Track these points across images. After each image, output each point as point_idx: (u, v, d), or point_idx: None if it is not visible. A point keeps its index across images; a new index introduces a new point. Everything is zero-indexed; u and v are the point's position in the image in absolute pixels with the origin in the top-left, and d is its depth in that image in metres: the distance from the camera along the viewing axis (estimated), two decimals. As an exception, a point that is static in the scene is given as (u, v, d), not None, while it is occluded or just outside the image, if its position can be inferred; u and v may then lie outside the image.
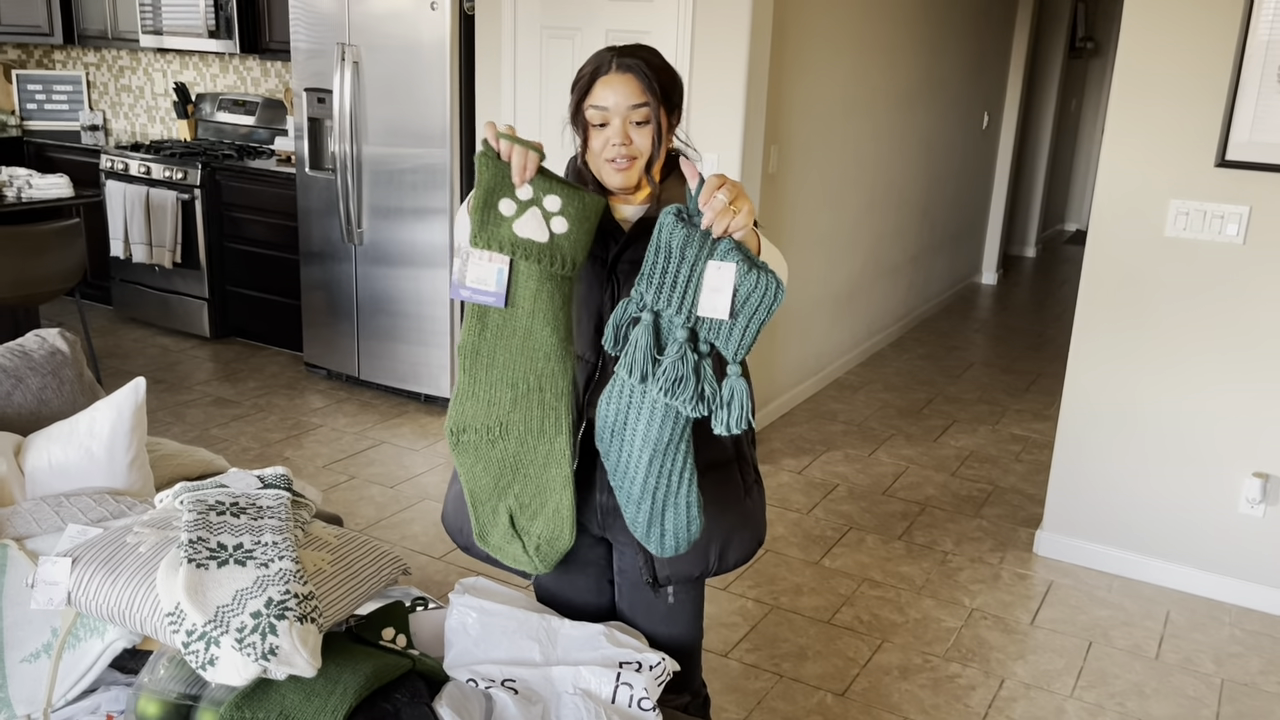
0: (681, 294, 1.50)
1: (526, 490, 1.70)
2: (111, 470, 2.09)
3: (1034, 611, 3.23)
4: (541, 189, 1.60)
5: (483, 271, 1.60)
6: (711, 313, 1.50)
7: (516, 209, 1.60)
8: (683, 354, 1.50)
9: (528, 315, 1.62)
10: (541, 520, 1.70)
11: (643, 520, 1.62)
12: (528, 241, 1.60)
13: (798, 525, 3.72)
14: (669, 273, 1.50)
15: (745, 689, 2.79)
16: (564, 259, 1.61)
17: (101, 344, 5.37)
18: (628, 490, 1.61)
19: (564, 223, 1.60)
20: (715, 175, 1.50)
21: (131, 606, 1.58)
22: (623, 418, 1.58)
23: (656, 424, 1.56)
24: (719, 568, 1.85)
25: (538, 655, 1.76)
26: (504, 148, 1.58)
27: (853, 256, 5.28)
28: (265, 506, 1.76)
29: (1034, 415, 4.95)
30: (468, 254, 1.61)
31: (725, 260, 1.49)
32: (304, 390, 4.85)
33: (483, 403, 1.67)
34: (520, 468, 1.69)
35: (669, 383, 1.50)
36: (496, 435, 1.68)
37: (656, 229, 1.50)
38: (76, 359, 2.50)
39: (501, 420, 1.67)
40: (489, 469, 1.70)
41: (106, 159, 5.48)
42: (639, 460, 1.58)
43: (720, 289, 1.49)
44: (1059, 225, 9.75)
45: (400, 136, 4.43)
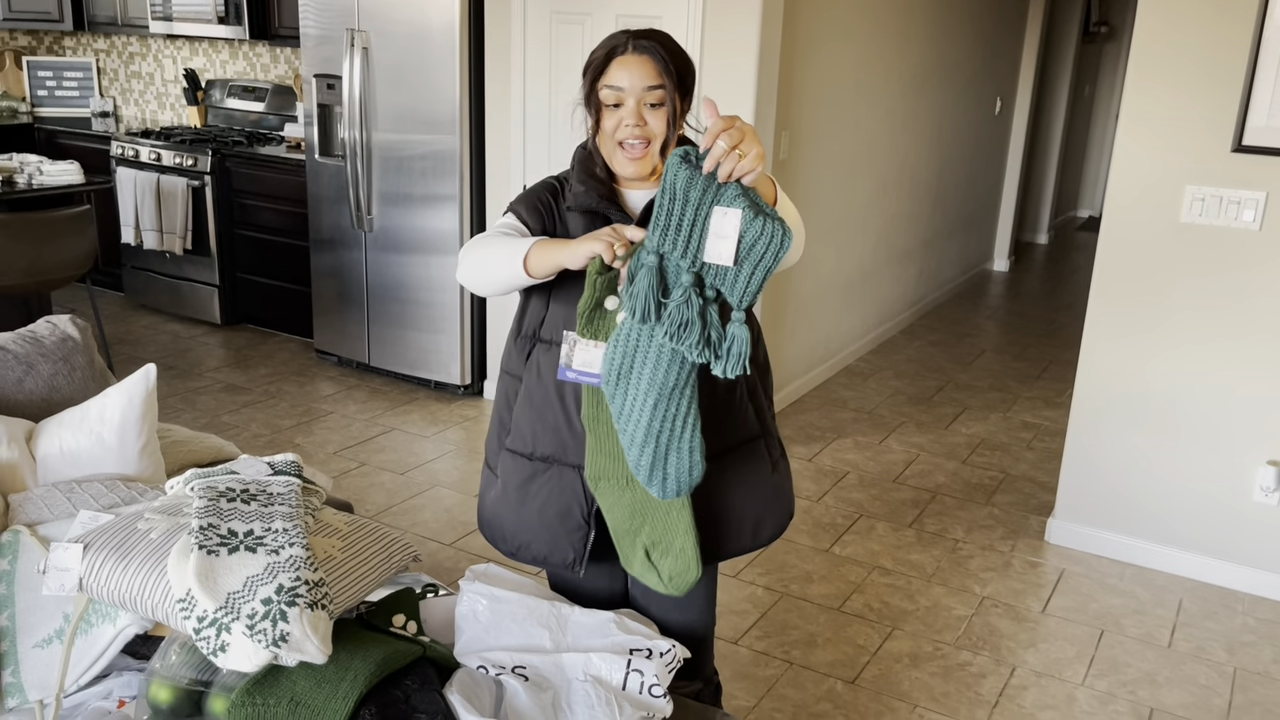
0: (686, 238, 1.49)
1: (655, 531, 1.77)
2: (123, 456, 2.10)
3: (1045, 600, 3.22)
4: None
5: (589, 356, 1.67)
6: (716, 259, 1.50)
7: (619, 304, 1.65)
8: (688, 298, 1.49)
9: None
10: (670, 558, 1.77)
11: (645, 463, 1.63)
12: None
13: (808, 513, 3.71)
14: (674, 215, 1.49)
15: (755, 676, 2.79)
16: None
17: (113, 330, 5.39)
18: (631, 433, 1.63)
19: None
20: (724, 117, 1.47)
21: (143, 592, 1.59)
22: (629, 361, 1.58)
23: (663, 368, 1.57)
24: (754, 544, 1.86)
25: (548, 642, 1.75)
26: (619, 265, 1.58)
27: (863, 242, 5.26)
28: (275, 493, 1.76)
29: (1045, 403, 4.93)
30: (574, 340, 1.68)
31: (731, 206, 1.48)
32: (314, 377, 4.86)
33: (610, 458, 1.75)
34: (648, 513, 1.76)
35: (674, 326, 1.50)
36: (625, 485, 1.75)
37: (665, 170, 1.49)
38: (87, 345, 2.50)
39: (627, 474, 1.74)
40: (624, 511, 1.78)
41: (117, 145, 5.49)
42: (644, 404, 1.59)
43: (725, 235, 1.49)
44: (1071, 212, 9.69)
45: (410, 122, 4.42)
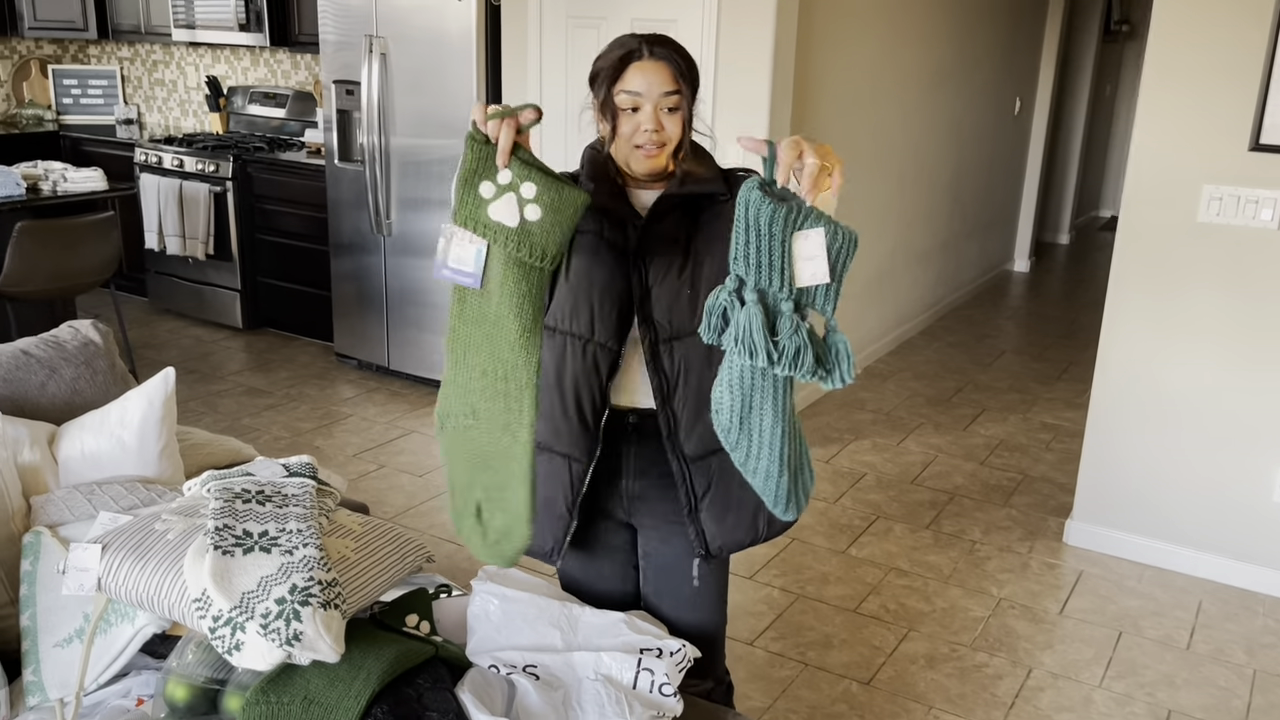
0: (780, 269, 1.49)
1: (492, 482, 1.69)
2: (142, 459, 2.13)
3: (1063, 601, 3.21)
4: (521, 174, 1.57)
5: (463, 251, 1.59)
6: (812, 280, 1.51)
7: (495, 192, 1.58)
8: (796, 326, 1.50)
9: (496, 301, 1.61)
10: (500, 515, 1.69)
11: (784, 492, 1.63)
12: (499, 225, 1.58)
13: (824, 514, 3.71)
14: (764, 250, 1.49)
15: (770, 677, 2.79)
16: (533, 247, 1.58)
17: (137, 335, 5.45)
18: (766, 470, 1.61)
19: (537, 210, 1.57)
20: (789, 141, 1.47)
21: (160, 592, 1.61)
22: (748, 403, 1.57)
23: (782, 397, 1.57)
24: (767, 534, 1.87)
25: (559, 641, 1.77)
26: (492, 128, 1.55)
27: (881, 243, 5.25)
28: (290, 495, 1.78)
29: (1065, 404, 4.90)
30: (451, 233, 1.60)
31: (813, 227, 1.50)
32: (335, 380, 4.90)
33: (460, 389, 1.67)
34: (488, 459, 1.68)
35: (791, 357, 1.50)
36: (470, 423, 1.67)
37: (741, 206, 1.47)
38: (109, 350, 2.54)
39: (474, 407, 1.66)
40: (465, 458, 1.70)
41: (140, 152, 5.56)
42: (774, 437, 1.58)
43: (815, 256, 1.50)
44: (1093, 211, 9.63)
45: (428, 127, 4.45)
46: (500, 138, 1.54)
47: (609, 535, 1.90)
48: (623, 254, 1.72)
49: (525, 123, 1.58)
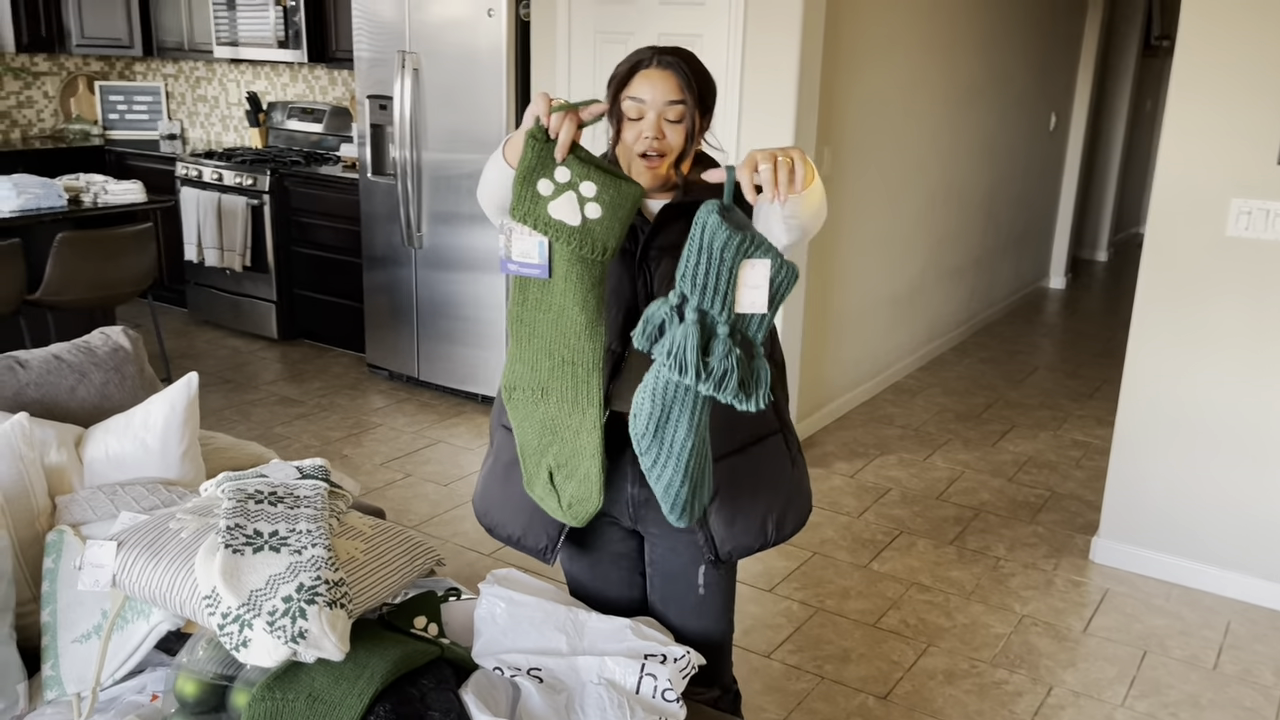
0: (724, 293, 1.53)
1: (563, 452, 1.76)
2: (165, 461, 2.17)
3: (1087, 619, 3.17)
4: (580, 173, 1.60)
5: (526, 245, 1.63)
6: (751, 308, 1.54)
7: (554, 190, 1.61)
8: (729, 350, 1.53)
9: (561, 293, 1.66)
10: (574, 482, 1.76)
11: (682, 501, 1.66)
12: (560, 223, 1.61)
13: (847, 529, 3.70)
14: (711, 273, 1.52)
15: (786, 690, 2.78)
16: (594, 244, 1.62)
17: (175, 345, 5.56)
18: (669, 479, 1.64)
19: (598, 209, 1.61)
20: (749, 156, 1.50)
21: (172, 589, 1.65)
22: (666, 413, 1.60)
23: (699, 415, 1.60)
24: (776, 538, 1.88)
25: (564, 645, 1.78)
26: (554, 122, 1.57)
27: (912, 259, 5.23)
28: (302, 496, 1.81)
29: (1097, 421, 4.84)
30: (511, 228, 1.64)
31: (761, 257, 1.52)
32: (366, 390, 4.97)
33: (528, 366, 1.73)
34: (558, 431, 1.75)
35: (717, 379, 1.53)
36: (539, 397, 1.74)
37: (698, 227, 1.50)
38: (138, 356, 2.60)
39: (543, 385, 1.73)
40: (534, 426, 1.77)
41: (181, 166, 5.68)
42: (683, 449, 1.61)
43: (758, 285, 1.53)
44: (1133, 229, 9.51)
45: (459, 142, 4.51)
46: (561, 133, 1.56)
47: (615, 543, 1.91)
48: (630, 258, 1.74)
49: (588, 119, 1.61)
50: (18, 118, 6.35)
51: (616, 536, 1.91)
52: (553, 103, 1.57)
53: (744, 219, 1.55)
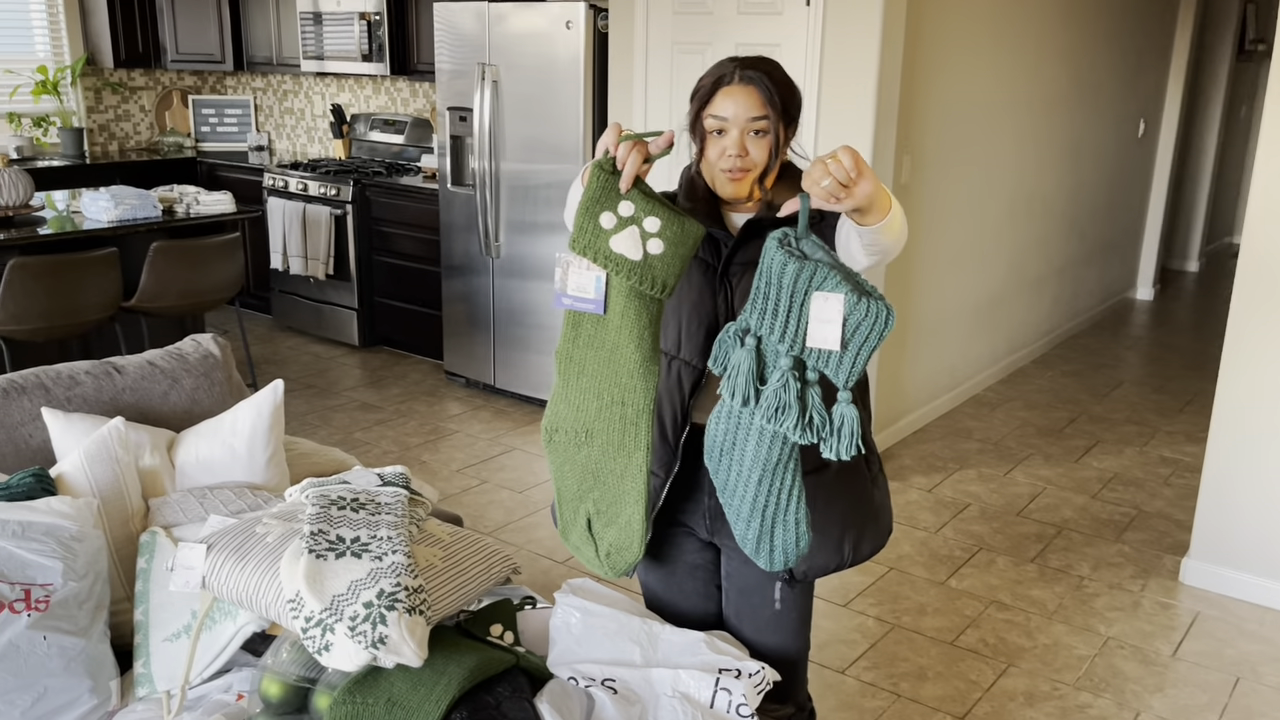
0: (784, 322, 1.49)
1: (604, 498, 1.72)
2: (251, 466, 2.23)
3: (1176, 643, 3.07)
4: (644, 208, 1.58)
5: (583, 279, 1.62)
6: (821, 344, 1.49)
7: (616, 224, 1.59)
8: (785, 382, 1.48)
9: (615, 329, 1.63)
10: (614, 529, 1.72)
11: (752, 537, 1.63)
12: (621, 258, 1.59)
13: (925, 544, 3.64)
14: (771, 300, 1.49)
15: (860, 707, 2.75)
16: (654, 280, 1.60)
17: (260, 350, 5.71)
18: (737, 508, 1.62)
19: (660, 245, 1.59)
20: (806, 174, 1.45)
21: (258, 592, 1.69)
22: (731, 438, 1.58)
23: (765, 445, 1.56)
24: (853, 560, 1.85)
25: (638, 657, 1.78)
26: (622, 151, 1.57)
27: (992, 269, 5.13)
28: (383, 503, 1.85)
29: (1187, 437, 4.69)
30: (568, 262, 1.62)
31: (834, 291, 1.47)
32: (443, 397, 5.04)
33: (573, 407, 1.70)
34: (600, 475, 1.72)
35: (770, 410, 1.50)
36: (583, 440, 1.70)
37: (763, 254, 1.49)
38: (227, 362, 2.68)
39: (588, 427, 1.69)
40: (574, 471, 1.74)
41: (269, 177, 5.84)
42: (749, 479, 1.58)
43: (830, 320, 1.48)
44: (1226, 238, 9.21)
45: (536, 152, 4.56)
46: (627, 165, 1.56)
47: (692, 554, 1.91)
48: (712, 273, 1.74)
49: (655, 152, 1.58)
50: (116, 131, 6.60)
51: (693, 547, 1.91)
52: (622, 133, 1.57)
53: (817, 249, 1.50)
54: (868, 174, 1.44)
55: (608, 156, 1.59)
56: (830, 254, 1.51)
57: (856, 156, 1.44)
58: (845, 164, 1.42)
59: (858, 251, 1.60)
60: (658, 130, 1.61)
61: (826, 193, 1.43)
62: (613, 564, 1.74)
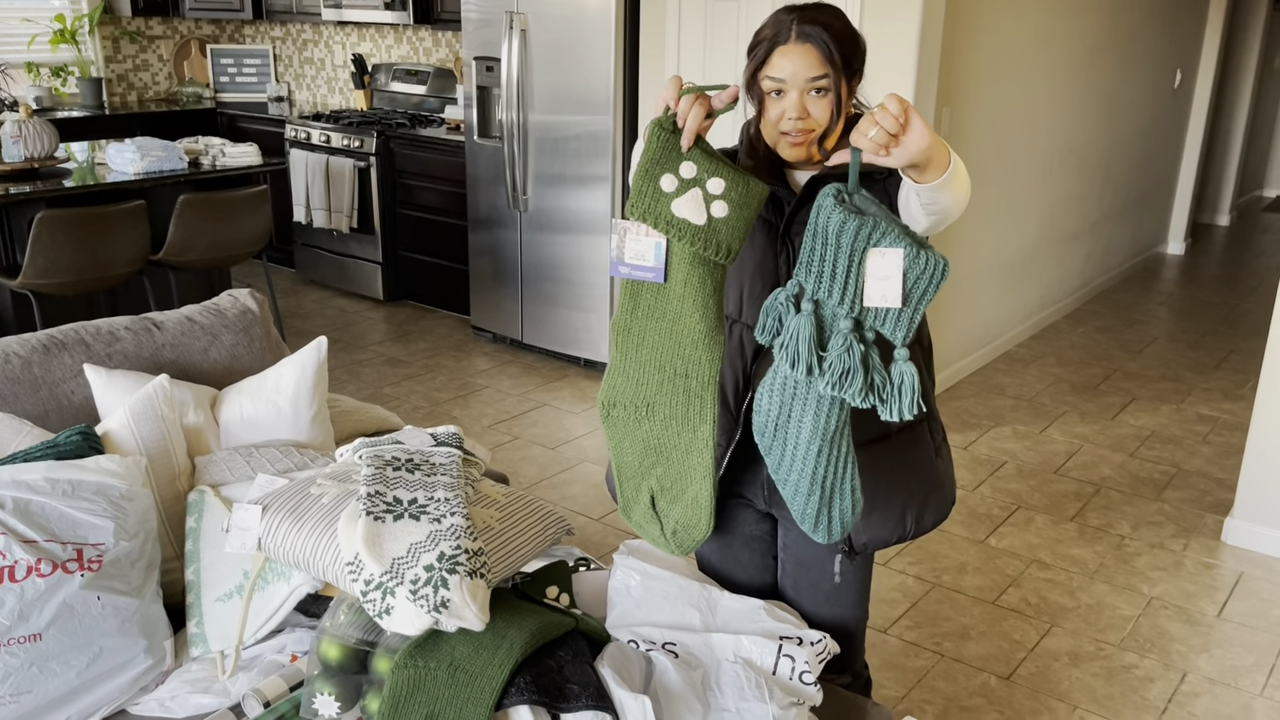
0: (843, 283, 1.42)
1: (668, 474, 1.66)
2: (296, 424, 2.20)
3: (1221, 603, 3.04)
4: (706, 169, 1.50)
5: (641, 246, 1.53)
6: (881, 302, 1.43)
7: (678, 186, 1.50)
8: (849, 345, 1.42)
9: (678, 299, 1.56)
10: (680, 506, 1.66)
11: (811, 511, 1.57)
12: (684, 222, 1.51)
13: (963, 502, 3.60)
14: (828, 260, 1.42)
15: (904, 666, 2.73)
16: (719, 245, 1.52)
17: (285, 305, 5.68)
18: (795, 483, 1.56)
19: (724, 207, 1.50)
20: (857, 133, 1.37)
21: (315, 554, 1.67)
22: (786, 411, 1.52)
23: (824, 415, 1.50)
24: (915, 531, 1.80)
25: (698, 622, 1.76)
26: (683, 106, 1.48)
27: (1026, 223, 5.04)
28: (438, 464, 1.81)
29: (1224, 394, 4.63)
30: (625, 229, 1.53)
31: (892, 246, 1.40)
32: (471, 352, 5.01)
33: (632, 381, 1.62)
34: (664, 451, 1.65)
35: (836, 376, 1.43)
36: (644, 415, 1.63)
37: (814, 211, 1.42)
38: (264, 318, 2.64)
39: (649, 401, 1.62)
40: (635, 447, 1.67)
41: (290, 129, 5.76)
42: (807, 453, 1.52)
43: (889, 276, 1.41)
44: (1257, 191, 9.06)
45: (565, 104, 4.48)
46: (688, 121, 1.46)
47: (749, 525, 1.87)
48: (774, 232, 1.68)
49: (719, 106, 1.48)
50: (134, 81, 6.52)
51: (750, 519, 1.87)
52: (683, 87, 1.48)
53: (870, 204, 1.44)
54: (919, 124, 1.36)
55: (668, 114, 1.50)
56: (882, 208, 1.45)
57: (906, 105, 1.36)
58: (893, 111, 1.35)
59: (918, 212, 1.54)
60: (721, 84, 1.52)
61: (874, 144, 1.36)
62: (679, 542, 1.68)
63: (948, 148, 1.45)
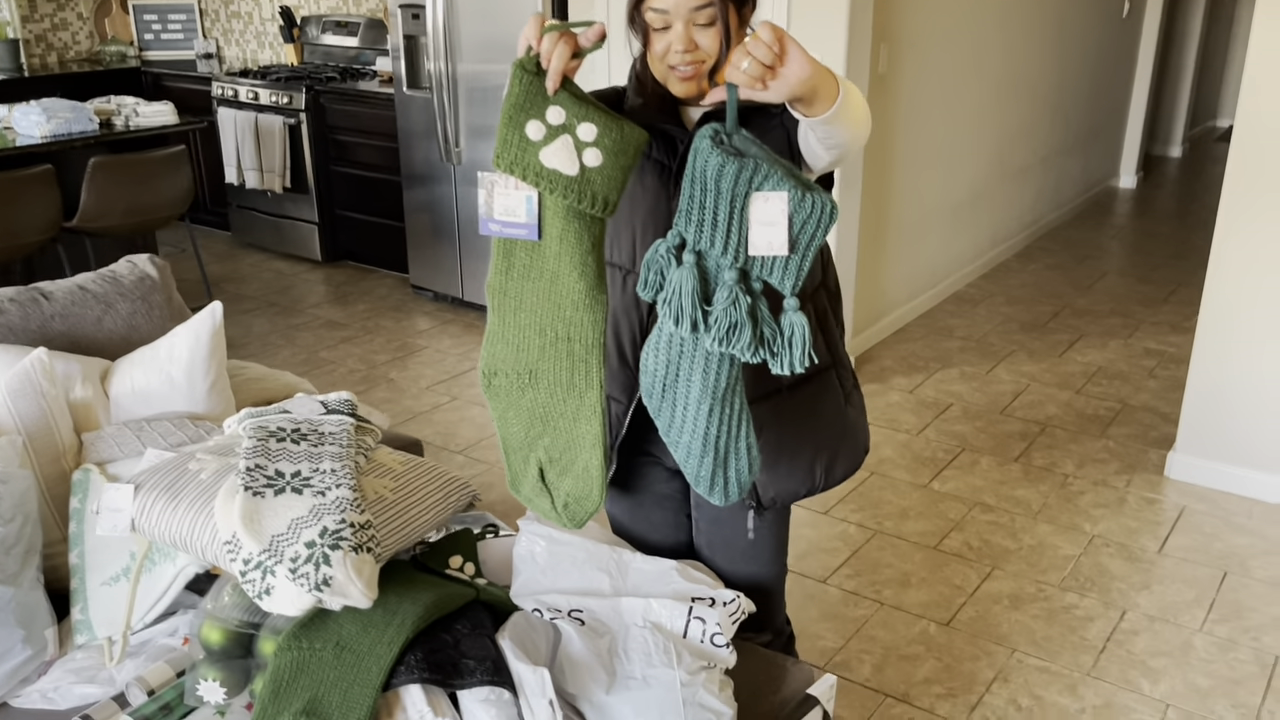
0: (726, 231, 1.31)
1: (556, 444, 1.56)
2: (191, 395, 2.10)
3: (1162, 539, 3.01)
4: (576, 114, 1.37)
5: (511, 201, 1.41)
6: (767, 250, 1.32)
7: (546, 134, 1.37)
8: (734, 298, 1.32)
9: (554, 256, 1.44)
10: (570, 478, 1.56)
11: (706, 473, 1.48)
12: (554, 173, 1.38)
13: (906, 447, 3.55)
14: (708, 208, 1.31)
15: (843, 616, 2.69)
16: (594, 196, 1.39)
17: (219, 269, 5.52)
18: (688, 444, 1.47)
19: (598, 155, 1.38)
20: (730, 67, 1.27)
21: (192, 534, 1.57)
22: (674, 370, 1.42)
23: (714, 373, 1.40)
24: (825, 483, 1.73)
25: (607, 586, 1.68)
26: (545, 46, 1.34)
27: (974, 160, 4.96)
28: (327, 433, 1.72)
29: (1171, 328, 4.60)
30: (493, 182, 1.41)
31: (775, 189, 1.30)
32: (411, 312, 4.88)
33: (512, 347, 1.51)
34: (550, 420, 1.55)
35: (723, 331, 1.34)
36: (527, 382, 1.53)
37: (691, 155, 1.31)
38: (166, 284, 2.51)
39: (531, 367, 1.52)
40: (520, 417, 1.57)
41: (217, 86, 5.56)
42: (698, 413, 1.43)
43: (774, 222, 1.31)
44: (1209, 122, 9.02)
45: (495, 51, 4.32)
46: (553, 60, 1.33)
47: (659, 483, 1.79)
48: (667, 174, 1.58)
49: (586, 45, 1.35)
50: (54, 41, 6.26)
51: (660, 477, 1.79)
52: (546, 22, 1.35)
53: (750, 144, 1.33)
54: (797, 53, 1.26)
55: (530, 54, 1.36)
56: (764, 148, 1.34)
57: (780, 32, 1.25)
58: (765, 40, 1.24)
59: (817, 147, 1.45)
60: (586, 21, 1.38)
61: (748, 77, 1.25)
62: (571, 514, 1.58)
63: (836, 76, 1.35)
